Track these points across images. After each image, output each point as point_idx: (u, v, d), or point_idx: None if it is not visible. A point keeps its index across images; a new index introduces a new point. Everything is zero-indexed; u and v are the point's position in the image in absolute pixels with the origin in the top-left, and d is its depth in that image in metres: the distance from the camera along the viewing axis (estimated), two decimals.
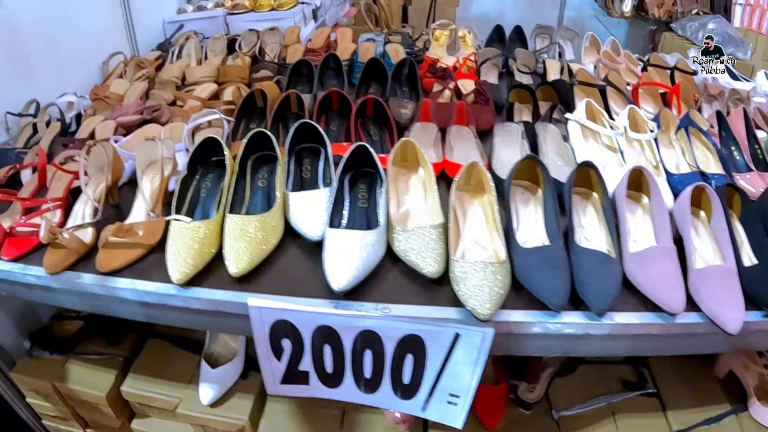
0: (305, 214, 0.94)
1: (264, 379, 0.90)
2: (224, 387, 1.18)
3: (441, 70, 1.37)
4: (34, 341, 1.29)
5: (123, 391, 1.20)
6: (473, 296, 0.77)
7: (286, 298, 0.80)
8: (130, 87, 1.61)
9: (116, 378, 1.22)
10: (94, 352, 1.28)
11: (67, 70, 1.60)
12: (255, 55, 1.67)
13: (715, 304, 0.81)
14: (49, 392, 1.26)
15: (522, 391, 1.14)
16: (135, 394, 1.20)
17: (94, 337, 1.31)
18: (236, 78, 1.56)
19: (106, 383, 1.20)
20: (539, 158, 0.94)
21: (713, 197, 0.94)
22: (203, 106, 1.45)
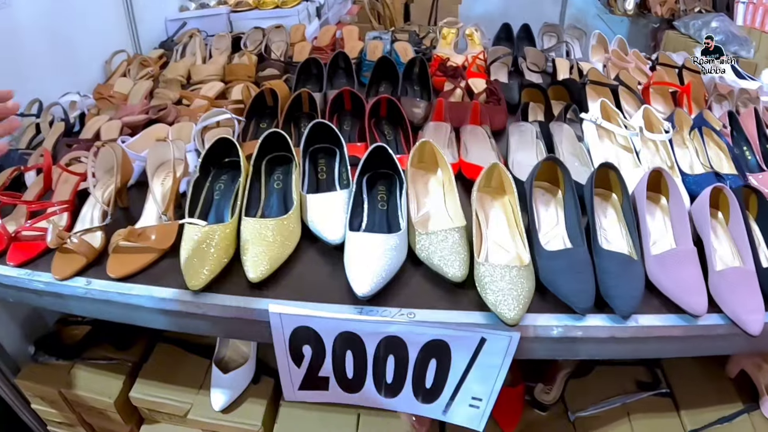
0: (324, 217, 0.92)
1: (282, 385, 0.89)
2: (236, 392, 1.17)
3: (452, 68, 1.36)
4: (40, 347, 1.27)
5: (132, 397, 1.18)
6: (500, 300, 0.76)
7: (307, 304, 0.79)
8: (135, 86, 1.58)
9: (124, 383, 1.20)
10: (102, 357, 1.26)
11: (70, 68, 1.57)
12: (261, 53, 1.65)
13: (737, 305, 0.81)
14: (55, 398, 1.23)
15: (538, 393, 1.14)
16: (144, 400, 1.18)
17: (102, 342, 1.29)
18: (243, 76, 1.54)
19: (114, 389, 1.18)
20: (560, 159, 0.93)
21: (731, 198, 0.94)
22: (210, 106, 1.43)
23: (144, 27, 1.87)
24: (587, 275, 0.81)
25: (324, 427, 1.10)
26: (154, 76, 1.64)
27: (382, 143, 0.97)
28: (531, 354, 0.84)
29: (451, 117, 1.21)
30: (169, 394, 1.16)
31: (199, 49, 1.69)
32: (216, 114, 1.27)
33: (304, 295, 0.81)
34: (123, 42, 1.80)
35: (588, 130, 1.13)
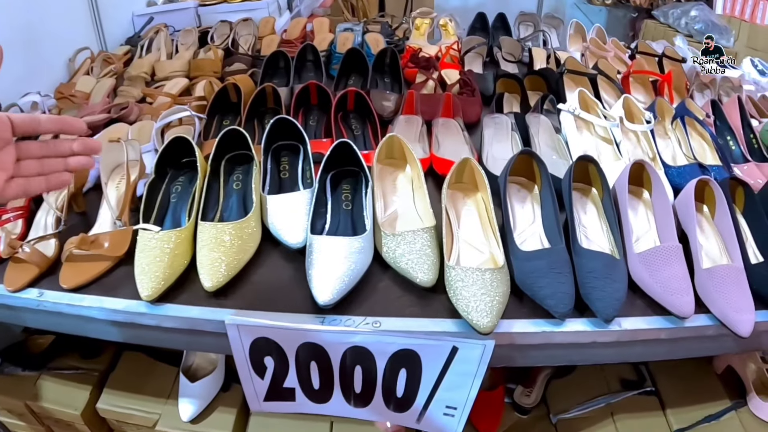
0: (284, 219, 0.85)
1: (246, 397, 0.83)
2: (205, 401, 1.09)
3: (424, 59, 1.28)
4: (6, 357, 1.19)
5: (99, 408, 1.11)
6: (472, 307, 0.70)
7: (267, 314, 0.73)
8: (97, 84, 1.48)
9: (91, 394, 1.13)
10: (69, 367, 1.19)
11: (31, 67, 1.46)
12: (228, 47, 1.55)
13: (725, 305, 0.75)
14: (22, 411, 1.16)
15: (518, 396, 1.07)
16: (111, 411, 1.11)
17: (69, 352, 1.22)
18: (208, 72, 1.44)
19: (80, 400, 1.12)
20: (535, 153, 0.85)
21: (717, 191, 0.87)
22: (174, 103, 1.34)
23: (110, 23, 1.76)
24: (566, 277, 0.74)
25: None
26: (117, 74, 1.53)
27: (346, 139, 0.89)
28: (508, 362, 0.78)
29: (422, 110, 1.13)
30: (137, 404, 1.10)
31: (164, 45, 1.59)
32: (176, 112, 1.18)
33: (265, 304, 0.76)
34: (87, 39, 1.69)
35: (566, 122, 1.05)
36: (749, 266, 0.81)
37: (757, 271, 0.81)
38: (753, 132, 1.18)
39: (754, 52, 1.85)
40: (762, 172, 1.09)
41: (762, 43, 1.97)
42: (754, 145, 1.17)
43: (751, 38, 2.02)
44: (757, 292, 0.80)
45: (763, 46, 1.95)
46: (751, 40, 2.02)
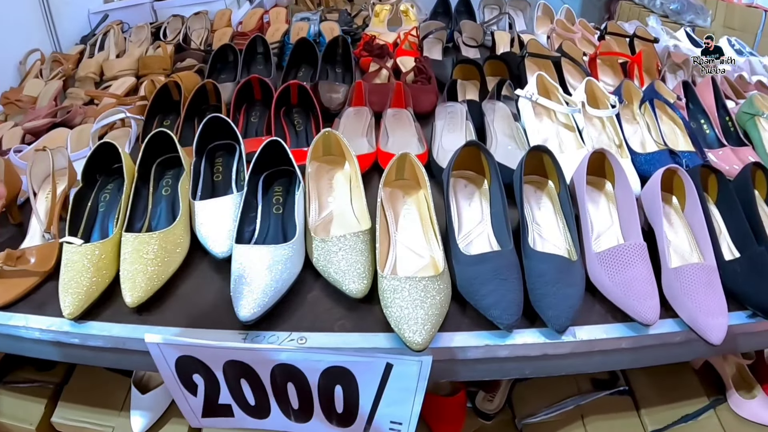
0: (211, 227, 0.75)
1: (184, 414, 0.75)
2: (156, 413, 1.02)
3: (378, 47, 1.16)
4: None
5: (54, 422, 1.04)
6: (404, 320, 0.60)
7: (189, 331, 0.66)
8: (45, 87, 1.36)
9: (47, 407, 1.06)
10: (24, 380, 1.10)
11: None
12: (179, 43, 1.43)
13: (694, 309, 0.65)
14: None
15: (480, 402, 0.96)
16: (66, 425, 1.04)
17: (24, 364, 1.13)
18: (157, 69, 1.33)
19: (36, 414, 1.05)
20: (483, 144, 0.74)
21: (687, 181, 0.76)
22: (118, 104, 1.22)
23: (64, 21, 1.63)
24: (512, 283, 0.63)
25: None
26: (66, 75, 1.41)
27: (276, 138, 0.78)
28: (452, 376, 0.69)
29: (373, 100, 1.01)
30: (91, 417, 1.03)
31: (113, 43, 1.47)
32: (112, 114, 1.07)
33: (191, 319, 0.68)
34: (40, 39, 1.57)
35: (524, 108, 0.93)
36: (722, 263, 0.71)
37: (731, 269, 0.71)
38: (729, 114, 1.07)
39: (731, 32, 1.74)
40: (738, 156, 0.98)
41: (739, 23, 1.85)
42: (731, 128, 1.06)
43: (728, 18, 1.90)
44: (731, 292, 0.69)
45: (740, 26, 1.84)
46: (728, 19, 1.90)
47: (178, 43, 1.43)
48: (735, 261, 0.72)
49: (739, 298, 0.69)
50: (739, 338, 0.73)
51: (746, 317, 0.69)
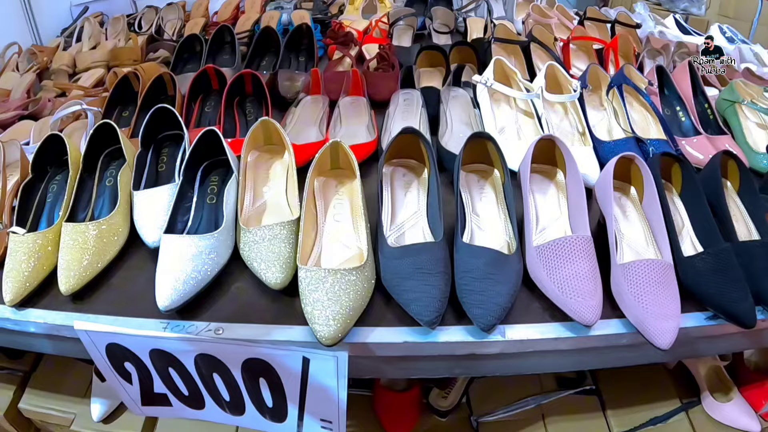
0: (146, 216, 0.73)
1: (125, 403, 0.74)
2: (115, 401, 1.01)
3: (342, 35, 1.10)
4: None
5: (21, 409, 1.04)
6: (316, 314, 0.56)
7: (119, 319, 0.64)
8: (19, 80, 1.34)
9: (15, 394, 1.06)
10: None
11: None
12: (152, 34, 1.39)
13: (642, 310, 0.58)
14: None
15: (434, 398, 0.91)
16: (32, 411, 1.04)
17: None
18: (127, 61, 1.29)
19: (4, 401, 1.04)
20: (434, 132, 0.68)
21: (644, 170, 0.69)
22: (85, 96, 1.20)
23: (45, 14, 1.61)
24: (437, 278, 0.58)
25: None
26: (41, 68, 1.39)
27: (212, 128, 0.74)
28: (377, 374, 0.65)
29: (331, 89, 0.96)
30: (55, 404, 1.03)
31: (86, 35, 1.44)
32: (70, 106, 1.04)
33: (122, 308, 0.66)
34: (20, 32, 1.55)
35: (481, 94, 0.87)
36: (681, 260, 0.64)
37: (691, 266, 0.64)
38: (708, 102, 0.99)
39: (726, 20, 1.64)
40: (715, 145, 0.90)
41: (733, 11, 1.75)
42: (710, 116, 0.98)
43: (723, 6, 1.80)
44: (692, 290, 0.63)
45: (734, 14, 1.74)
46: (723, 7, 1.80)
47: (151, 34, 1.39)
48: (696, 258, 0.64)
49: (699, 298, 0.63)
50: (699, 342, 0.66)
51: (705, 319, 0.63)
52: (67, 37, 1.57)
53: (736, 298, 0.60)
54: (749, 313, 0.59)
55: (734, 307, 0.60)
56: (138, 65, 1.15)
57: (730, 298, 0.60)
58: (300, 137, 0.87)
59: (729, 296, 0.60)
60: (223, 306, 0.64)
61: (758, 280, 0.63)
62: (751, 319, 0.59)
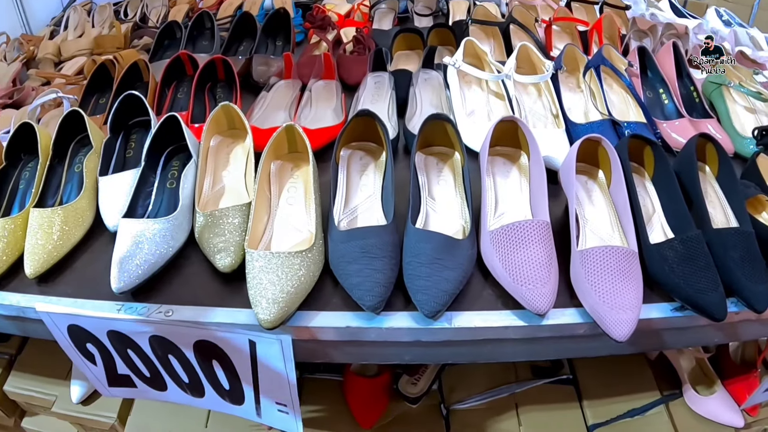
0: (110, 201, 0.73)
1: (93, 384, 0.75)
2: None
3: (320, 18, 1.08)
4: None
5: (6, 391, 1.06)
6: (258, 297, 0.55)
7: (79, 301, 0.65)
8: (5, 69, 1.34)
9: (1, 377, 1.07)
10: None
11: None
12: (136, 21, 1.39)
13: (598, 299, 0.56)
14: None
15: (403, 385, 0.89)
16: (17, 393, 1.06)
17: None
18: (110, 49, 1.28)
19: None
20: (377, 114, 0.66)
21: (611, 154, 0.66)
22: (67, 84, 1.20)
23: (35, 3, 1.61)
24: (383, 262, 0.56)
25: (176, 417, 0.95)
26: (27, 57, 1.39)
27: (174, 113, 0.74)
28: (325, 358, 0.64)
29: (303, 73, 0.95)
30: (37, 386, 1.05)
31: (72, 24, 1.44)
32: (48, 94, 1.05)
33: (82, 290, 0.67)
34: (9, 22, 1.55)
35: (451, 76, 0.85)
36: (648, 248, 0.61)
37: (656, 252, 0.61)
38: (694, 84, 0.95)
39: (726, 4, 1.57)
40: (697, 129, 0.87)
41: None
42: (695, 98, 0.95)
43: None
44: (658, 280, 0.60)
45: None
46: None
47: (136, 21, 1.39)
48: (662, 245, 0.61)
49: (665, 288, 0.60)
50: (665, 334, 0.64)
51: (672, 310, 0.60)
52: (56, 25, 1.57)
53: (703, 289, 0.57)
54: (718, 304, 0.56)
55: (702, 298, 0.57)
56: (119, 53, 1.14)
57: (698, 289, 0.57)
58: (267, 121, 0.85)
59: (696, 286, 0.57)
60: (177, 288, 0.64)
61: (732, 270, 0.59)
62: (720, 311, 0.56)
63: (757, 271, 0.60)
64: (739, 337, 0.84)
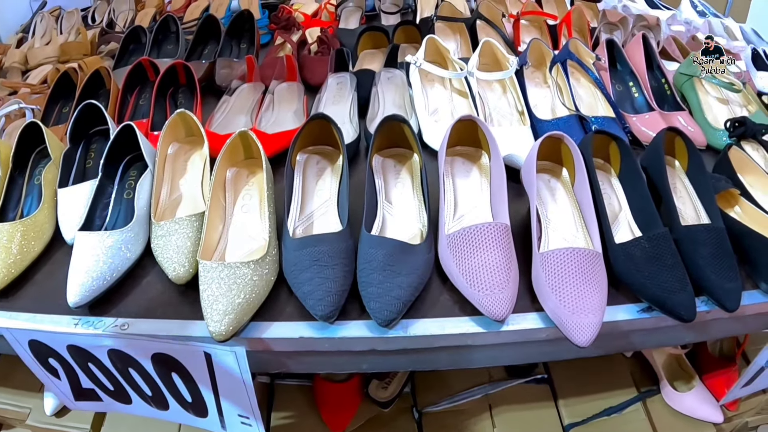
0: (68, 214, 0.72)
1: (59, 398, 0.76)
2: None
3: (285, 19, 1.06)
4: None
5: None
6: (209, 308, 0.54)
7: (37, 316, 0.64)
8: None
9: None
10: None
11: None
12: (103, 27, 1.36)
13: (558, 303, 0.54)
14: None
15: (373, 390, 0.88)
16: None
17: None
18: (77, 56, 1.26)
19: None
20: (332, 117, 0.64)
21: (574, 151, 0.65)
22: (32, 93, 1.17)
23: (4, 10, 1.58)
24: (335, 270, 0.55)
25: (148, 428, 0.93)
26: None
27: (130, 122, 0.72)
28: (281, 368, 0.63)
29: (266, 75, 0.93)
30: (11, 399, 1.04)
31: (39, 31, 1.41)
32: (10, 105, 1.02)
33: (41, 304, 0.66)
34: None
35: (413, 75, 0.83)
36: (612, 247, 0.60)
37: (621, 252, 0.60)
38: (665, 76, 0.94)
39: None
40: (668, 122, 0.86)
41: None
42: (667, 91, 0.93)
43: None
44: (621, 280, 0.59)
45: None
46: None
47: (103, 27, 1.36)
48: (627, 244, 0.59)
49: (633, 288, 0.58)
50: (633, 336, 0.63)
51: (639, 312, 0.58)
52: (24, 32, 1.54)
53: (671, 288, 0.56)
54: (686, 305, 0.55)
55: (669, 298, 0.56)
56: (82, 60, 1.12)
57: (665, 288, 0.56)
58: (228, 127, 0.84)
59: (663, 286, 0.56)
60: (133, 301, 0.63)
61: (702, 268, 0.58)
62: (688, 311, 0.55)
63: (728, 269, 0.58)
64: (711, 336, 0.83)
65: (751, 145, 0.82)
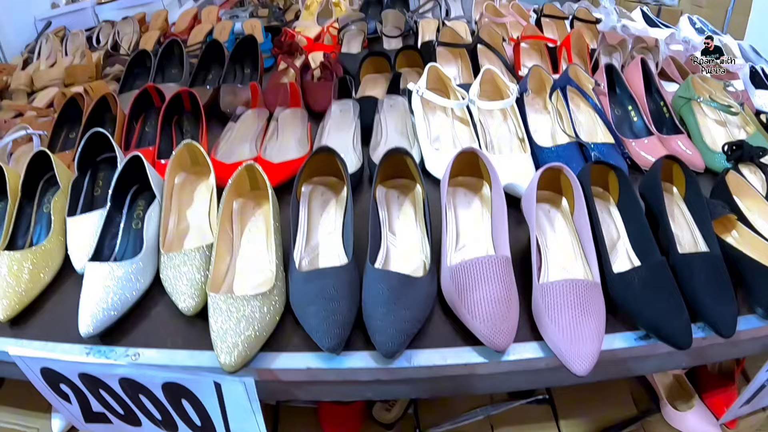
0: (77, 243, 0.74)
1: (69, 420, 0.80)
2: None
3: (287, 44, 1.09)
4: None
5: None
6: (218, 342, 0.56)
7: (50, 344, 0.66)
8: None
9: None
10: None
11: None
12: (108, 49, 1.39)
13: (558, 333, 0.56)
14: None
15: (377, 412, 0.90)
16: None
17: None
18: (82, 79, 1.29)
19: None
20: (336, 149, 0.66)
21: (573, 182, 0.67)
22: (38, 117, 1.20)
23: (8, 30, 1.61)
24: (341, 303, 0.57)
25: None
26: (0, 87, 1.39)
27: (137, 153, 0.75)
28: (288, 396, 0.68)
29: (270, 101, 0.95)
30: (19, 420, 1.03)
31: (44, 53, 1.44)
32: (17, 131, 1.04)
33: (53, 332, 0.68)
34: None
35: (414, 103, 0.85)
36: (611, 277, 0.62)
37: (619, 282, 0.62)
38: (664, 99, 0.96)
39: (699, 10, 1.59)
40: (667, 146, 0.88)
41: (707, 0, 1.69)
42: (666, 114, 0.96)
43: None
44: (619, 308, 0.61)
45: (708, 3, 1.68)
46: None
47: (107, 49, 1.39)
48: (625, 274, 0.61)
49: (630, 316, 0.60)
50: (631, 362, 0.65)
51: (636, 339, 0.60)
52: (30, 53, 1.57)
53: (667, 316, 0.58)
54: (682, 332, 0.57)
55: (665, 326, 0.57)
56: (88, 84, 1.15)
57: (661, 316, 0.58)
58: (233, 155, 0.86)
59: (659, 314, 0.58)
60: (143, 330, 0.65)
61: (698, 295, 0.60)
62: (684, 338, 0.57)
63: (724, 295, 0.60)
64: (708, 360, 0.84)
65: (749, 168, 0.84)
